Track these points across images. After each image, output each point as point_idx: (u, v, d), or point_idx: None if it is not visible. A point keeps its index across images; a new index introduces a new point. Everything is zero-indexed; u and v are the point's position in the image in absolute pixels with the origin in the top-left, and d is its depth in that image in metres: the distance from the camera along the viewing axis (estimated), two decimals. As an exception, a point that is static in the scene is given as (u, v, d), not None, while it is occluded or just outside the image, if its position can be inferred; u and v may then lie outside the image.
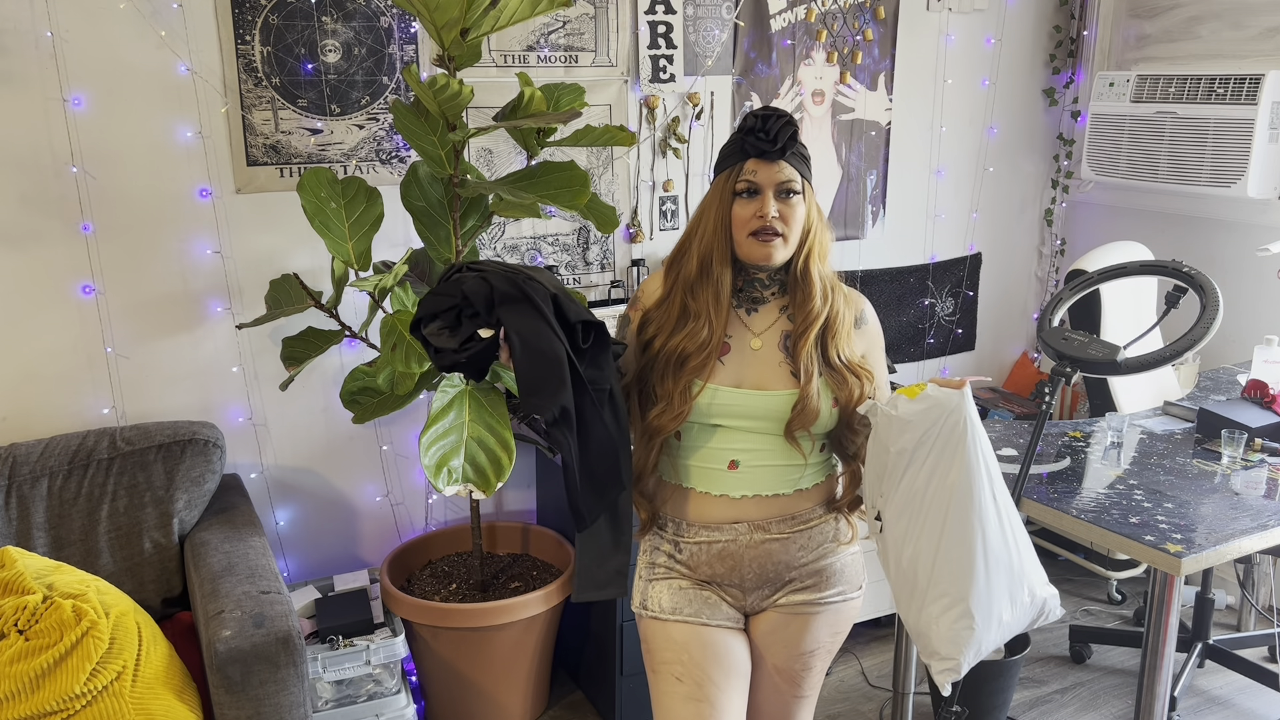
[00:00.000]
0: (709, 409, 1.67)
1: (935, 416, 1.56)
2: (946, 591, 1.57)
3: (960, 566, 1.56)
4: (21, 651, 1.87)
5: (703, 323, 1.65)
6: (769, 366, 1.68)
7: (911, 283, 3.77)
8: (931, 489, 1.57)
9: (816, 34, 3.33)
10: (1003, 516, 1.58)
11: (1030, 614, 1.63)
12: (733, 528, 1.70)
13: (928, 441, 1.57)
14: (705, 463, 1.70)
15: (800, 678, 1.79)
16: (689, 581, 1.74)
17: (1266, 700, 2.94)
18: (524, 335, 1.47)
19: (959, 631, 1.57)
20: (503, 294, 1.48)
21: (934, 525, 1.57)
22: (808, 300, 1.67)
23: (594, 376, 1.55)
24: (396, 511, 3.03)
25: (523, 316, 1.47)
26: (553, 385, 1.47)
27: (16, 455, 2.36)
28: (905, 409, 1.58)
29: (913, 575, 1.60)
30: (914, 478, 1.58)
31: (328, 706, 2.53)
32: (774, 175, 1.62)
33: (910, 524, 1.60)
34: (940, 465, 1.57)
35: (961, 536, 1.56)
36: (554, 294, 1.52)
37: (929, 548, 1.58)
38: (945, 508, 1.56)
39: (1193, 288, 2.25)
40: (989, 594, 1.56)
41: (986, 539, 1.56)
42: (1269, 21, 3.25)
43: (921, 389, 1.58)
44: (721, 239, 1.65)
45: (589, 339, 1.55)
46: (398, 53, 2.75)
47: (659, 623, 1.74)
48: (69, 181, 2.47)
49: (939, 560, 1.57)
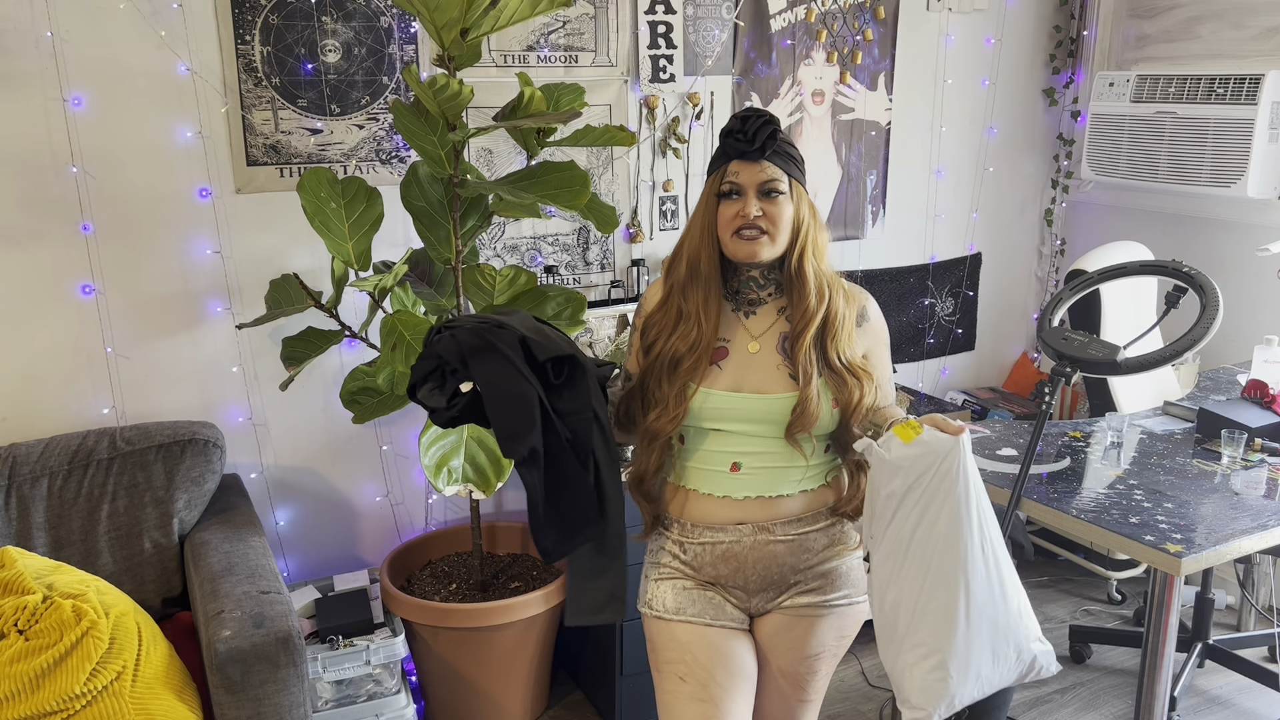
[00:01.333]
0: (703, 412, 1.67)
1: (927, 463, 1.53)
2: (923, 641, 1.55)
3: (940, 617, 1.54)
4: (21, 651, 1.87)
5: (693, 324, 1.66)
6: (767, 369, 1.67)
7: (911, 283, 3.77)
8: (918, 536, 1.55)
9: (816, 34, 3.33)
10: (991, 569, 1.55)
11: (1016, 670, 1.61)
12: (736, 529, 1.70)
13: (918, 487, 1.54)
14: (707, 465, 1.71)
15: (805, 681, 1.79)
16: (693, 582, 1.74)
17: (1266, 700, 2.94)
18: (492, 383, 1.53)
19: (932, 683, 1.55)
20: (470, 347, 1.53)
21: (917, 573, 1.55)
22: (803, 299, 1.67)
23: (572, 408, 1.57)
24: (396, 511, 3.03)
25: (490, 365, 1.53)
26: (522, 427, 1.52)
27: (16, 455, 2.36)
28: (897, 453, 1.55)
29: (894, 620, 1.58)
30: (902, 523, 1.56)
31: (328, 706, 2.53)
32: (756, 175, 1.63)
33: (895, 569, 1.58)
34: (929, 513, 1.54)
35: (944, 587, 1.53)
36: (523, 336, 1.55)
37: (910, 595, 1.56)
38: (929, 556, 1.54)
39: (1193, 288, 2.25)
40: (968, 648, 1.54)
41: (970, 592, 1.53)
42: (1269, 21, 3.25)
43: (918, 431, 1.54)
44: (709, 241, 1.67)
45: (561, 374, 1.57)
46: (398, 53, 2.75)
47: (663, 622, 1.74)
48: (69, 181, 2.47)
49: (919, 609, 1.55)
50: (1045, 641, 1.63)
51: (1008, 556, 1.59)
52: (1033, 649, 1.61)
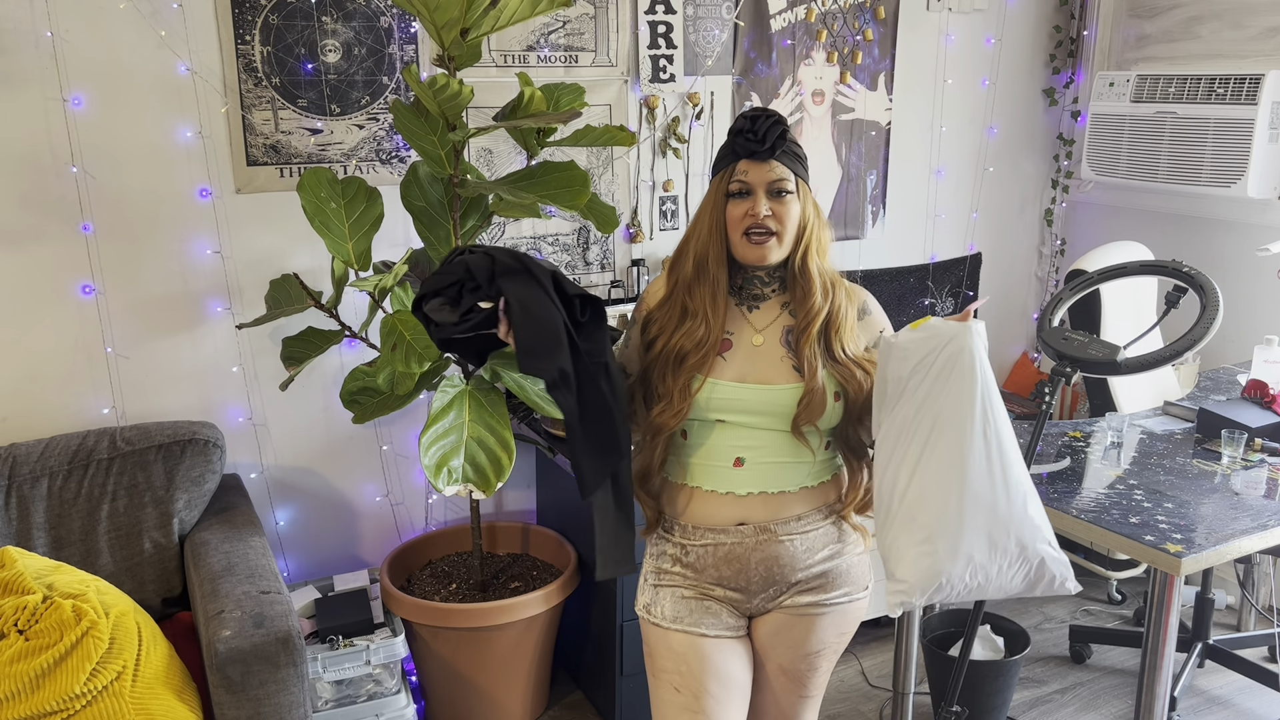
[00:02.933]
0: (709, 404, 1.68)
1: (933, 345, 1.55)
2: (914, 516, 1.55)
3: (929, 495, 1.54)
4: (21, 651, 1.87)
5: (700, 321, 1.67)
6: (771, 361, 1.69)
7: (911, 283, 3.77)
8: (920, 417, 1.56)
9: (816, 34, 3.33)
10: (993, 457, 1.54)
11: (1021, 570, 1.58)
12: (738, 530, 1.70)
13: (922, 369, 1.55)
14: (710, 460, 1.71)
15: (806, 678, 1.79)
16: (693, 590, 1.74)
17: (1266, 700, 2.94)
18: (524, 302, 1.53)
19: (917, 557, 1.55)
20: (504, 266, 1.54)
21: (913, 452, 1.56)
22: (808, 296, 1.68)
23: (590, 349, 1.58)
24: (396, 511, 3.03)
25: (523, 286, 1.53)
26: (551, 348, 1.52)
27: (16, 455, 2.36)
28: (904, 337, 1.58)
29: (889, 498, 1.59)
30: (906, 405, 1.57)
31: (328, 706, 2.53)
32: (765, 175, 1.64)
33: (894, 450, 1.59)
34: (932, 394, 1.55)
35: (937, 467, 1.54)
36: (553, 271, 1.57)
37: (906, 474, 1.57)
38: (926, 435, 1.55)
39: (1193, 288, 2.25)
40: (959, 528, 1.53)
41: (966, 474, 1.53)
42: (1269, 21, 3.25)
43: (927, 320, 1.58)
44: (717, 240, 1.68)
45: (586, 313, 1.59)
46: (398, 53, 2.75)
47: (660, 630, 1.75)
48: (69, 181, 2.47)
49: (913, 484, 1.56)
50: (1059, 551, 1.60)
51: (1018, 456, 1.57)
52: (1039, 549, 1.58)
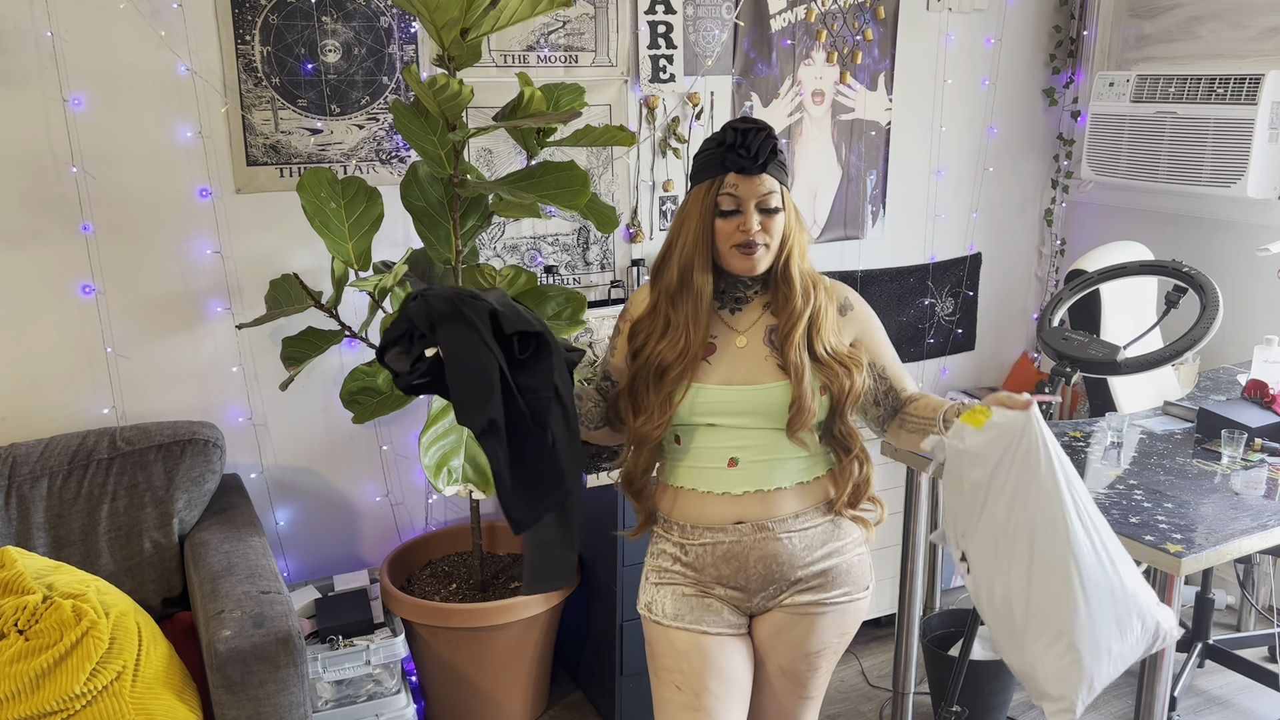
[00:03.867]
0: (695, 408, 1.69)
1: (1005, 444, 1.48)
2: (1046, 628, 1.48)
3: (1057, 599, 1.47)
4: (21, 651, 1.87)
5: (681, 333, 1.67)
6: (755, 361, 1.70)
7: (911, 283, 3.77)
8: (1013, 520, 1.48)
9: (816, 34, 3.33)
10: (1095, 539, 1.48)
11: (1144, 642, 1.53)
12: (736, 529, 1.71)
13: (1001, 472, 1.48)
14: (704, 462, 1.72)
15: (806, 678, 1.79)
16: (694, 588, 1.75)
17: (1266, 700, 2.94)
18: (455, 350, 1.53)
19: (1065, 668, 1.48)
20: (439, 313, 1.54)
21: (1021, 558, 1.48)
22: (790, 300, 1.69)
23: (531, 385, 1.58)
24: (396, 511, 3.03)
25: (456, 334, 1.53)
26: (480, 398, 1.52)
27: (16, 455, 2.36)
28: (971, 440, 1.50)
29: (1008, 614, 1.51)
30: (994, 511, 1.50)
31: (328, 706, 2.53)
32: (755, 189, 1.63)
33: (997, 560, 1.51)
34: (1019, 494, 1.47)
35: (1052, 567, 1.46)
36: (494, 309, 1.55)
37: (1020, 583, 1.49)
38: (1030, 538, 1.47)
39: (1193, 288, 2.25)
40: (1092, 625, 1.47)
41: (1080, 566, 1.46)
42: (1269, 21, 3.25)
43: (988, 415, 1.50)
44: (702, 251, 1.67)
45: (527, 350, 1.58)
46: (398, 53, 2.75)
47: (661, 628, 1.75)
48: (69, 181, 2.47)
49: (1033, 595, 1.48)
50: (1165, 605, 1.56)
51: (1106, 523, 1.52)
52: (1156, 615, 1.53)
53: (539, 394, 1.58)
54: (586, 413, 1.77)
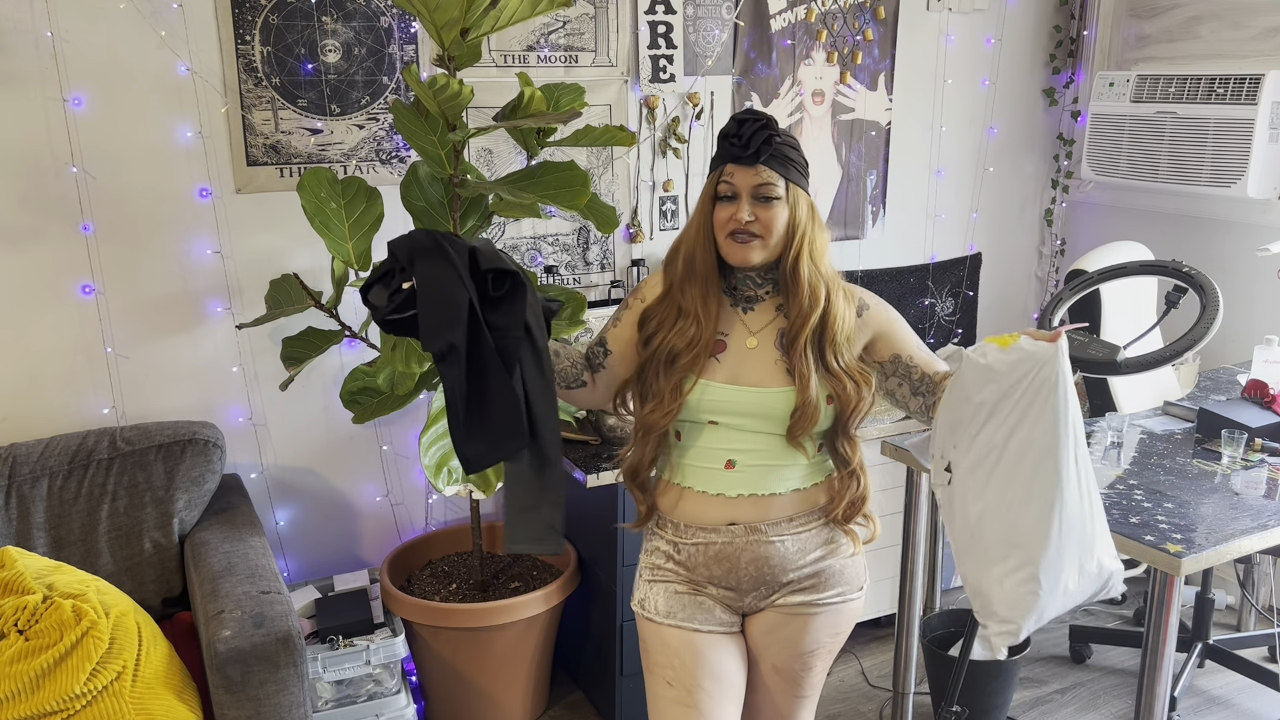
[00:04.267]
0: (700, 404, 1.68)
1: (1026, 369, 1.48)
2: (1013, 553, 1.50)
3: (1034, 528, 1.49)
4: (21, 651, 1.87)
5: (691, 320, 1.67)
6: (764, 363, 1.69)
7: (911, 283, 3.77)
8: (1012, 445, 1.49)
9: (816, 34, 3.33)
10: (1082, 480, 1.51)
11: (1094, 585, 1.56)
12: (729, 530, 1.71)
13: (1014, 394, 1.48)
14: (702, 461, 1.72)
15: (800, 678, 1.79)
16: (686, 585, 1.75)
17: (1266, 700, 2.94)
18: (428, 281, 1.55)
19: (1023, 595, 1.50)
20: (420, 246, 1.57)
21: (1009, 482, 1.50)
22: (796, 300, 1.67)
23: (502, 324, 1.58)
24: (396, 511, 3.03)
25: (431, 265, 1.55)
26: (445, 323, 1.54)
27: (16, 455, 2.36)
28: (995, 358, 1.50)
29: (979, 532, 1.54)
30: (994, 431, 1.50)
31: (328, 706, 2.53)
32: (750, 180, 1.64)
33: (984, 479, 1.53)
34: (1025, 421, 1.48)
35: (1039, 497, 1.48)
36: (473, 248, 1.58)
37: (1002, 505, 1.51)
38: (1025, 465, 1.49)
39: (1193, 288, 2.25)
40: (1059, 560, 1.49)
41: (1064, 503, 1.48)
42: (1269, 21, 3.25)
43: (1014, 339, 1.50)
44: (705, 240, 1.68)
45: (501, 288, 1.58)
46: (398, 53, 2.75)
47: (654, 625, 1.76)
48: (69, 181, 2.47)
49: (1012, 519, 1.50)
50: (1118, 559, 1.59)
51: (1091, 466, 1.54)
52: (1110, 566, 1.56)
53: (508, 333, 1.58)
54: (561, 370, 1.77)
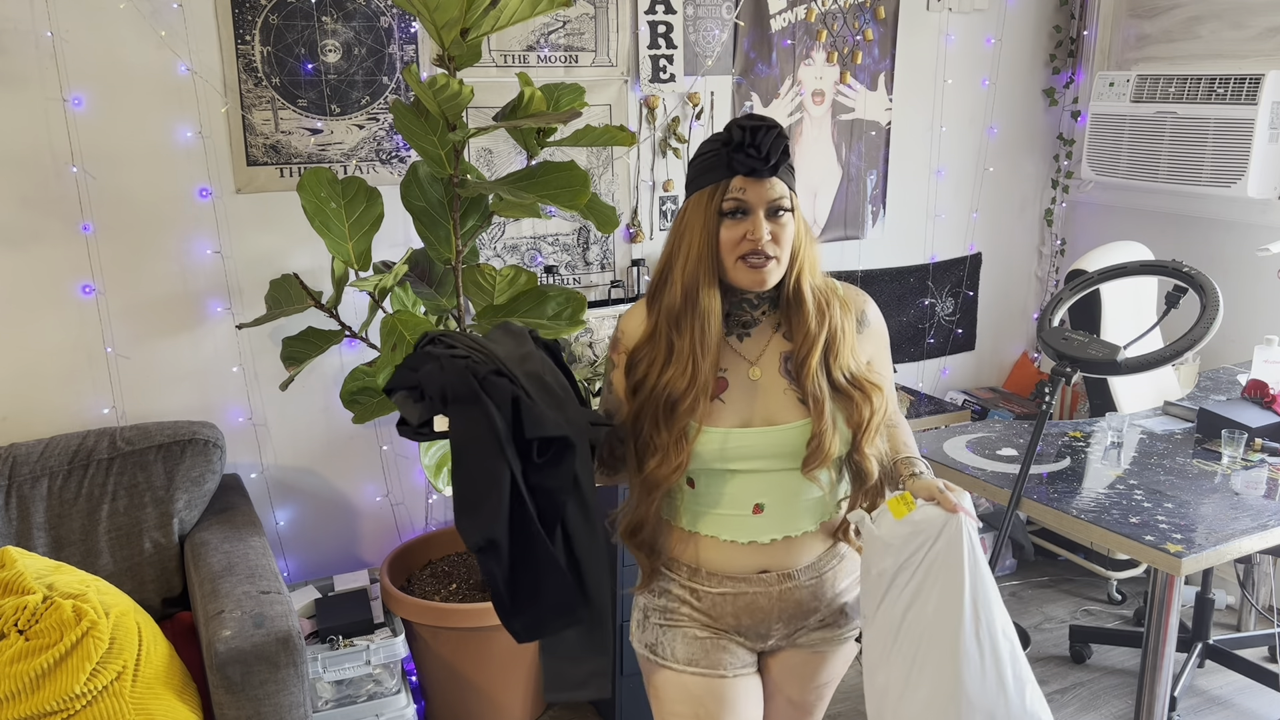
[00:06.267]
0: (722, 454, 1.51)
1: (919, 542, 1.43)
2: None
3: (927, 707, 1.44)
4: (21, 651, 1.87)
5: (688, 361, 1.48)
6: (774, 396, 1.53)
7: (911, 283, 3.77)
8: (909, 619, 1.45)
9: (816, 34, 3.33)
10: (987, 660, 1.43)
11: None
12: (760, 579, 1.58)
13: (909, 567, 1.44)
14: (727, 509, 1.55)
15: (814, 707, 1.76)
16: (706, 631, 1.62)
17: (1266, 700, 2.93)
18: (465, 446, 1.36)
19: None
20: (455, 392, 1.37)
21: (905, 658, 1.46)
22: (803, 322, 1.52)
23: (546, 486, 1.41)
24: (396, 511, 3.03)
25: (470, 423, 1.36)
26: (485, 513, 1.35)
27: (16, 455, 2.36)
28: (887, 530, 1.45)
29: (881, 704, 1.51)
30: (893, 603, 1.47)
31: (328, 706, 2.53)
32: (765, 194, 1.45)
33: (884, 651, 1.48)
34: (920, 595, 1.44)
35: (931, 675, 1.43)
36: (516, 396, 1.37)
37: (899, 680, 1.46)
38: (918, 642, 1.45)
39: (1193, 288, 2.26)
40: None
41: (963, 682, 1.42)
42: (1269, 21, 3.25)
43: (910, 508, 1.44)
44: (708, 264, 1.48)
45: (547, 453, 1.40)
46: (398, 53, 2.75)
47: (672, 672, 1.62)
48: (69, 181, 2.47)
49: (906, 697, 1.46)
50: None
51: (1015, 646, 1.47)
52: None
53: (554, 496, 1.41)
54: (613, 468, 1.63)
